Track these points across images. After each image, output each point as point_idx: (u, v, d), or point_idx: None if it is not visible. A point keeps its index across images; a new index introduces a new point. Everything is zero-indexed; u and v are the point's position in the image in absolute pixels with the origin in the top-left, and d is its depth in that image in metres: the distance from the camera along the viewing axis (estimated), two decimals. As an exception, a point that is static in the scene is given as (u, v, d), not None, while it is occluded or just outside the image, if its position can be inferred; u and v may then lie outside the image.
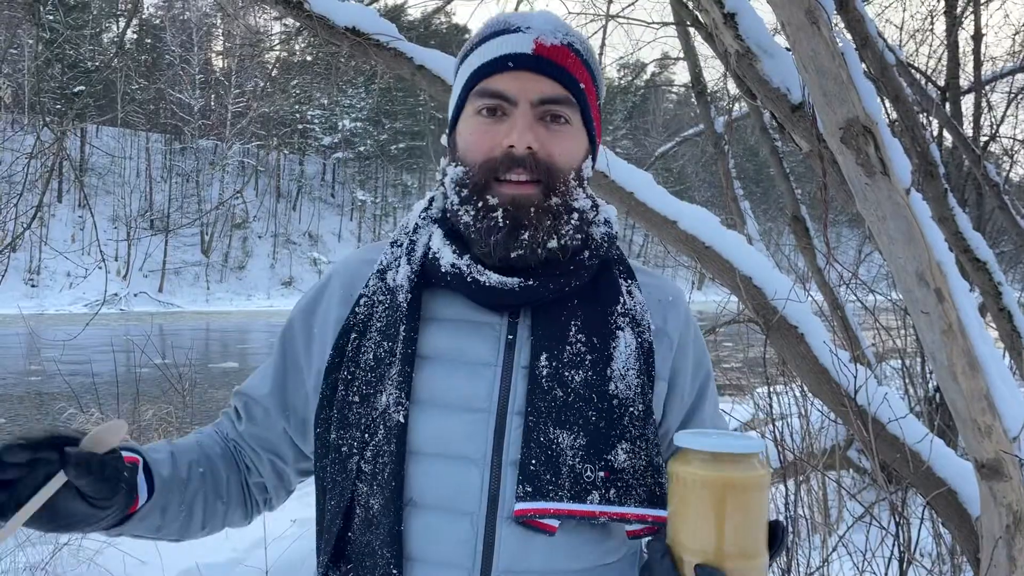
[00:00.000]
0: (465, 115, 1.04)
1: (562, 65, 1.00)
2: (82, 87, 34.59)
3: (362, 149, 52.99)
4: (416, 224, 1.09)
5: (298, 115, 45.32)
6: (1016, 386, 1.95)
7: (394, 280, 1.05)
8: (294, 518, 5.24)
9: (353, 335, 1.04)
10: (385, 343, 1.01)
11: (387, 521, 0.95)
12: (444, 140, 1.10)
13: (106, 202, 42.43)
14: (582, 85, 1.02)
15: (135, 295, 36.26)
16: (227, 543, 4.70)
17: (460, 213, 1.01)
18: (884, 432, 2.43)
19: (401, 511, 0.95)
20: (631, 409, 0.99)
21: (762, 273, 2.55)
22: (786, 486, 3.33)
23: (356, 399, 1.00)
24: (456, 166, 1.03)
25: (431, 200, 1.12)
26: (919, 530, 2.89)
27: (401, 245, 1.08)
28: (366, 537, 0.97)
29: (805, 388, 3.51)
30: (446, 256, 1.02)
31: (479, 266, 1.00)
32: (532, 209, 0.98)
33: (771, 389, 3.85)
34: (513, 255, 0.98)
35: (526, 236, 0.97)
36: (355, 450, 0.99)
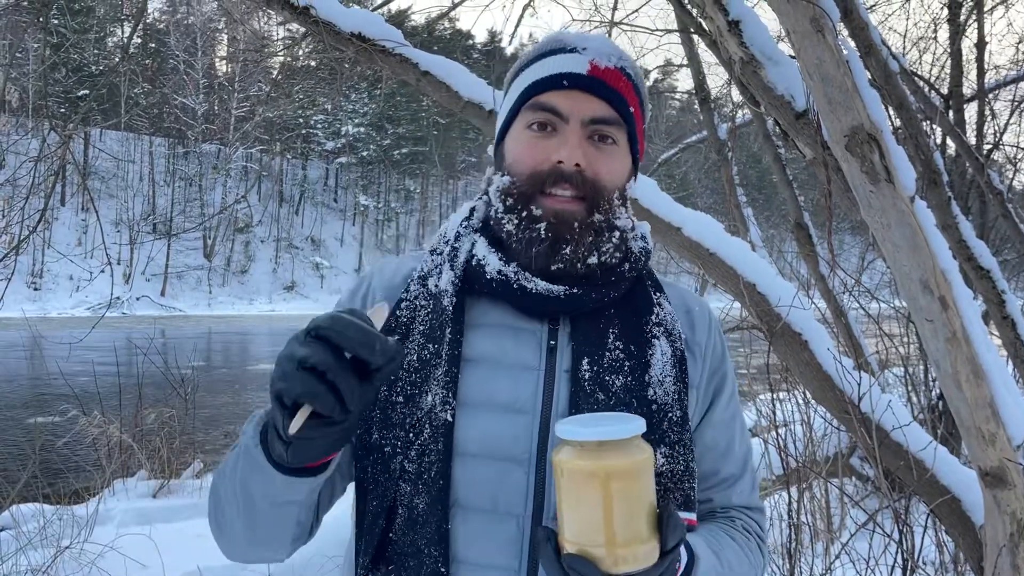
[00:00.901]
0: (515, 128, 1.06)
1: (615, 87, 1.03)
2: (86, 91, 34.72)
3: (365, 154, 53.07)
4: (458, 232, 1.11)
5: (301, 120, 45.42)
6: (1020, 394, 1.95)
7: (436, 286, 1.06)
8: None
9: (396, 337, 1.05)
10: (430, 345, 1.02)
11: (434, 520, 0.95)
12: (490, 151, 1.13)
13: (109, 206, 42.53)
14: (631, 108, 1.05)
15: (137, 299, 36.31)
16: (229, 547, 4.69)
17: (504, 221, 1.03)
18: (888, 440, 2.43)
19: (448, 510, 0.95)
20: (669, 414, 1.01)
21: (766, 280, 2.55)
22: (789, 493, 3.32)
23: (400, 399, 1.00)
24: (503, 175, 1.05)
25: (472, 210, 1.13)
26: (922, 538, 2.89)
27: (441, 253, 1.09)
28: (410, 537, 0.96)
29: (808, 395, 3.51)
30: (492, 263, 1.03)
31: (527, 273, 1.02)
32: (575, 224, 1.00)
33: (774, 396, 3.85)
34: (553, 268, 1.01)
35: (567, 251, 1.00)
36: (399, 450, 0.98)
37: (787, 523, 3.32)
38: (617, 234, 1.04)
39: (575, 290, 1.02)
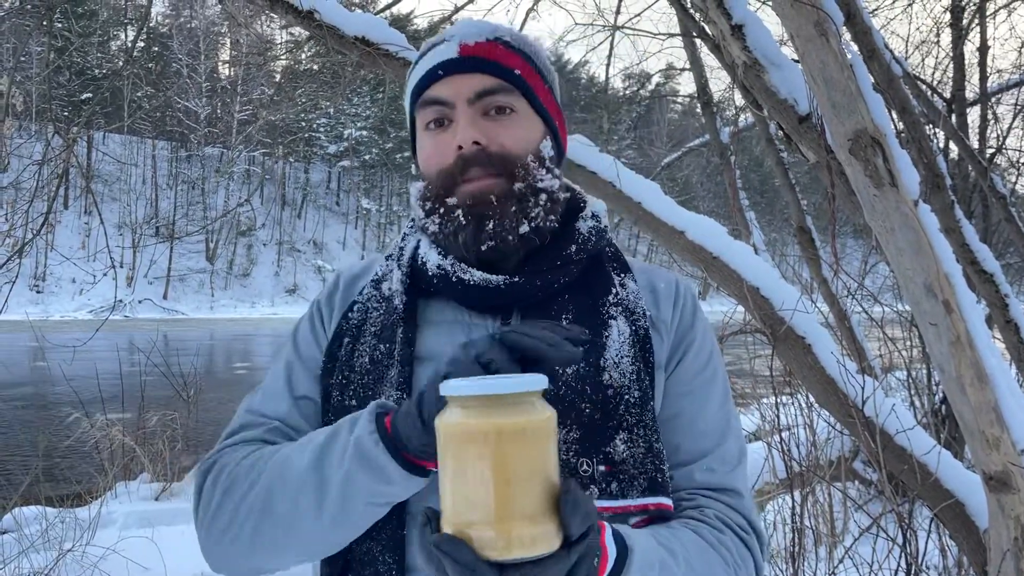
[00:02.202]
0: (418, 134, 1.07)
1: (490, 58, 1.02)
2: (90, 94, 34.78)
3: (367, 158, 53.11)
4: (404, 233, 1.12)
5: (304, 123, 45.47)
6: (1024, 398, 1.95)
7: (389, 288, 1.06)
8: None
9: (346, 339, 1.04)
10: (381, 346, 1.01)
11: (390, 526, 0.93)
12: (413, 169, 1.13)
13: (112, 209, 42.60)
14: (518, 72, 1.03)
15: (140, 302, 36.32)
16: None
17: (427, 225, 1.02)
18: (892, 443, 2.42)
19: (403, 517, 0.94)
20: (626, 397, 0.97)
21: (769, 284, 2.55)
22: (792, 497, 3.32)
23: (354, 403, 0.99)
24: (420, 181, 1.05)
25: (412, 219, 1.14)
26: (926, 542, 2.88)
27: (392, 255, 1.11)
28: (366, 545, 0.95)
29: (811, 399, 3.50)
30: (432, 259, 1.03)
31: (462, 264, 1.01)
32: (492, 198, 0.98)
33: (777, 400, 3.84)
34: (484, 247, 0.98)
35: (491, 226, 0.97)
36: None
37: (790, 527, 3.31)
38: (544, 196, 1.00)
39: (516, 279, 0.99)
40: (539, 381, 0.69)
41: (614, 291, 1.04)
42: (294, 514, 0.89)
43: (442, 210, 0.99)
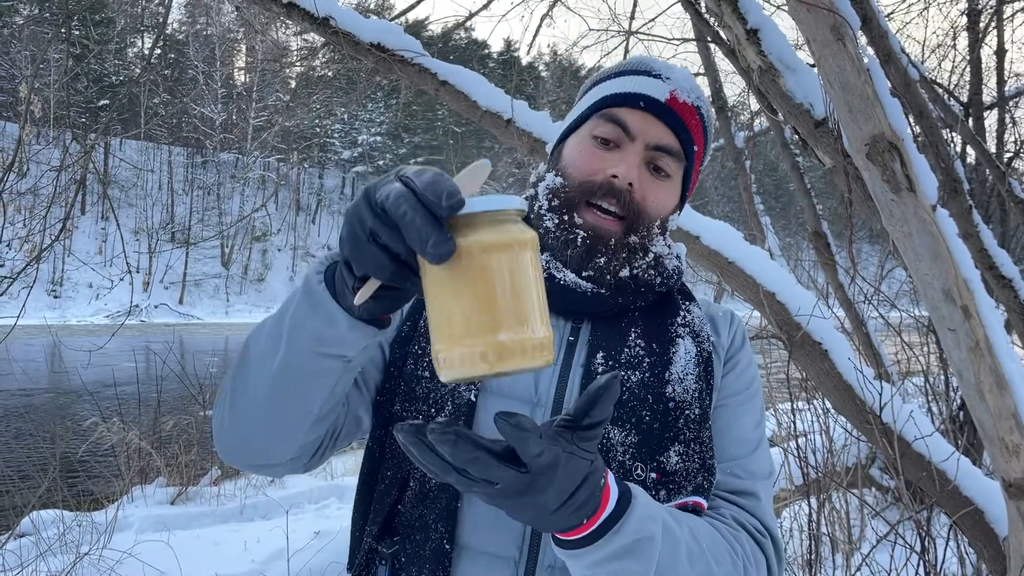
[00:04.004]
0: (580, 133, 1.09)
1: (686, 122, 1.06)
2: (107, 101, 35.11)
3: (381, 163, 53.28)
4: None
5: (319, 129, 45.71)
6: (1045, 405, 1.92)
7: None
8: (317, 530, 5.26)
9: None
10: None
11: (444, 497, 0.95)
12: (548, 148, 1.15)
13: (128, 214, 42.93)
14: (695, 147, 1.08)
15: (155, 306, 36.58)
16: (246, 554, 4.72)
17: (544, 218, 1.04)
18: (910, 450, 2.40)
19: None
20: (687, 412, 1.00)
21: (785, 289, 2.54)
22: (809, 504, 3.30)
23: (427, 374, 1.01)
24: (556, 175, 1.06)
25: None
26: (945, 550, 2.85)
27: None
28: (419, 511, 0.97)
29: (827, 404, 3.48)
30: None
31: (558, 263, 1.03)
32: (611, 240, 1.02)
33: (793, 405, 3.82)
34: (584, 274, 1.02)
35: (601, 261, 1.01)
36: None
37: (806, 534, 3.29)
38: (651, 256, 1.05)
39: (603, 291, 1.02)
40: (519, 203, 0.69)
41: (682, 314, 1.08)
42: (259, 364, 0.88)
43: (566, 219, 1.02)
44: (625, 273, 1.03)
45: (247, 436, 0.93)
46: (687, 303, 1.11)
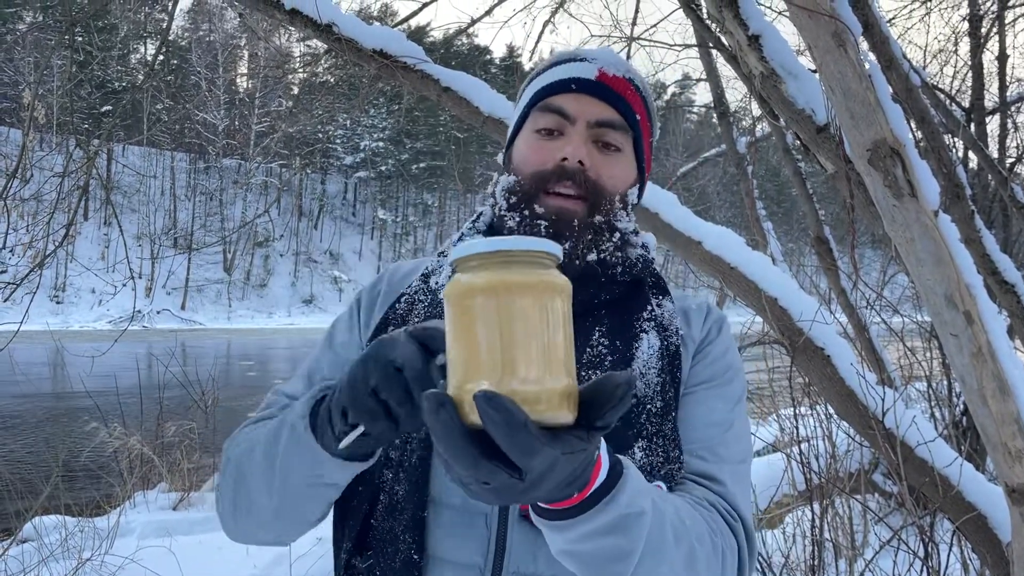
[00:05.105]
0: (524, 131, 1.11)
1: (621, 94, 1.07)
2: (110, 107, 35.22)
3: (383, 168, 53.38)
4: (462, 233, 1.15)
5: (321, 135, 45.83)
6: (1048, 410, 1.92)
7: (436, 283, 1.10)
8: (319, 536, 5.26)
9: (391, 327, 1.07)
10: None
11: (411, 508, 0.96)
12: (499, 158, 1.17)
13: (131, 220, 43.02)
14: (638, 117, 1.09)
15: (158, 312, 36.62)
16: (248, 559, 4.72)
17: (506, 218, 1.05)
18: (912, 456, 2.40)
19: (425, 499, 0.97)
20: (648, 406, 0.99)
21: (788, 294, 2.54)
22: (812, 510, 3.29)
23: None
24: (509, 176, 1.08)
25: (479, 214, 1.17)
26: (948, 556, 2.85)
27: (445, 253, 1.14)
28: (388, 524, 0.98)
29: (830, 410, 3.47)
30: None
31: None
32: (575, 222, 1.02)
33: (796, 411, 3.81)
34: None
35: (566, 246, 1.00)
36: None
37: (809, 540, 3.28)
38: (618, 235, 1.05)
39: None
40: (553, 247, 0.66)
41: (649, 308, 1.08)
42: (262, 492, 0.95)
43: (526, 213, 1.03)
44: (593, 257, 1.03)
45: (256, 538, 1.03)
46: (660, 297, 1.10)
